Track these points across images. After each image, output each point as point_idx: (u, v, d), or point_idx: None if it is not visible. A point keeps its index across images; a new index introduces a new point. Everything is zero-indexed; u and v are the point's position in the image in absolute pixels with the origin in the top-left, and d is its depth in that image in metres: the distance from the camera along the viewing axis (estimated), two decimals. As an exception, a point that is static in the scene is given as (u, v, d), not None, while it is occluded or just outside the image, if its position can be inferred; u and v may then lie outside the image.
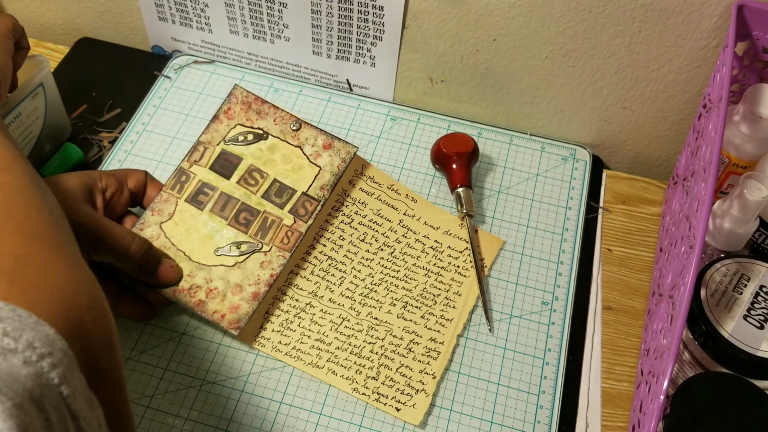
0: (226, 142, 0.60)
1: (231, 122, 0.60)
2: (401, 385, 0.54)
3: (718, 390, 0.48)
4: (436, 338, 0.56)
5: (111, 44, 0.78)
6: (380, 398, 0.53)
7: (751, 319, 0.51)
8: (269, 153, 0.60)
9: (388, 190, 0.63)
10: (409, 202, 0.63)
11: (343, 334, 0.56)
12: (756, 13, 0.56)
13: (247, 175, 0.59)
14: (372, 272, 0.59)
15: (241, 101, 0.61)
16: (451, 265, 0.60)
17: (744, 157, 0.59)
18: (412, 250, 0.60)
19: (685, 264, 0.48)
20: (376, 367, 0.54)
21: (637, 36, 0.62)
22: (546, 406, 0.54)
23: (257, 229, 0.57)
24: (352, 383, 0.53)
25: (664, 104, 0.67)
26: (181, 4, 0.73)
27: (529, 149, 0.70)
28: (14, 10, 0.81)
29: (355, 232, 0.61)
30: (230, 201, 0.58)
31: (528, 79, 0.68)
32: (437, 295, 0.58)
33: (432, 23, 0.66)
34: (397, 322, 0.57)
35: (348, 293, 0.58)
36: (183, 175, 0.58)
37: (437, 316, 0.57)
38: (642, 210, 0.67)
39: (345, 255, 0.60)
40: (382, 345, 0.55)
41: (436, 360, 0.55)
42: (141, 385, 0.53)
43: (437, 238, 0.61)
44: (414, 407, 0.53)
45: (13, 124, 0.60)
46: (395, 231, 0.61)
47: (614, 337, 0.59)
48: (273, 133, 0.60)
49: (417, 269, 0.59)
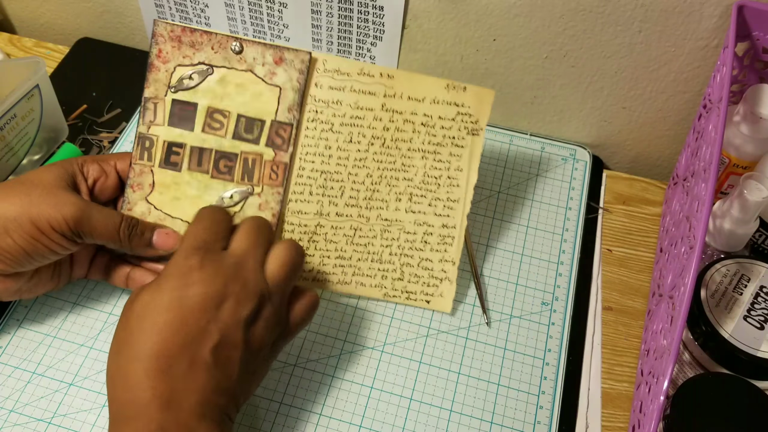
0: (172, 90, 0.55)
1: (168, 66, 0.55)
2: (425, 278, 0.55)
3: (718, 391, 0.48)
4: (447, 223, 0.56)
5: (111, 44, 0.78)
6: (410, 296, 0.55)
7: (751, 319, 0.51)
8: (221, 88, 0.54)
9: (360, 76, 0.57)
10: (386, 81, 0.56)
11: (359, 245, 0.56)
12: (756, 13, 0.55)
13: (210, 119, 0.55)
14: (369, 171, 0.57)
15: (169, 38, 0.55)
16: (446, 138, 0.57)
17: (744, 157, 0.59)
18: (403, 134, 0.57)
19: (685, 264, 0.48)
20: (399, 267, 0.55)
21: (637, 36, 0.62)
22: (546, 407, 0.54)
23: (242, 173, 0.55)
24: (382, 289, 0.55)
25: (664, 104, 0.67)
26: (181, 4, 0.73)
27: (529, 149, 0.70)
28: (14, 10, 0.81)
29: (339, 136, 0.56)
30: (204, 152, 0.55)
31: (528, 79, 0.68)
32: (439, 177, 0.57)
33: (432, 23, 0.66)
34: (406, 217, 0.57)
35: (352, 201, 0.57)
36: (145, 140, 0.55)
37: (443, 200, 0.57)
38: (642, 210, 0.67)
39: (337, 163, 0.57)
40: (399, 244, 0.56)
41: (452, 246, 0.56)
42: (141, 385, 0.53)
43: (425, 111, 0.57)
44: (441, 296, 0.54)
45: (8, 126, 0.60)
46: (380, 119, 0.57)
47: (614, 337, 0.59)
48: (216, 63, 0.55)
49: (413, 153, 0.57)
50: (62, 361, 0.54)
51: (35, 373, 0.54)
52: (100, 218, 0.49)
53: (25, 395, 0.52)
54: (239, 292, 0.43)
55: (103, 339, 0.56)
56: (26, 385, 0.53)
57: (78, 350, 0.55)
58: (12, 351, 0.55)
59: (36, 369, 0.54)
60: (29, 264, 0.48)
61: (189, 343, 0.41)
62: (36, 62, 0.61)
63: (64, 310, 0.57)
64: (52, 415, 0.52)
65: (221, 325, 0.42)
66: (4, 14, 0.82)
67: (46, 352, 0.55)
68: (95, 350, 0.55)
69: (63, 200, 0.48)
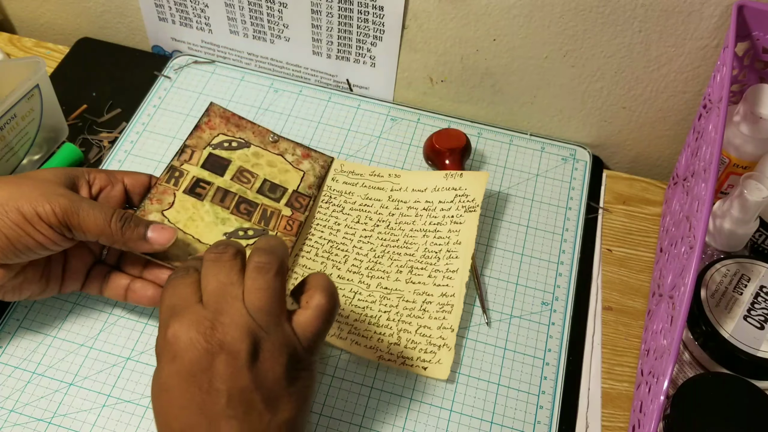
0: (212, 146, 0.60)
1: (213, 131, 0.61)
2: (423, 344, 0.55)
3: (718, 390, 0.48)
4: (446, 292, 0.57)
5: (111, 44, 0.78)
6: (405, 362, 0.54)
7: (751, 319, 0.51)
8: (255, 158, 0.62)
9: (371, 176, 0.65)
10: (393, 179, 0.64)
11: (358, 307, 0.57)
12: (756, 13, 0.55)
13: (239, 174, 0.60)
14: (373, 247, 0.60)
15: (220, 115, 0.62)
16: (445, 218, 0.60)
17: (744, 157, 0.59)
18: (406, 218, 0.61)
19: (686, 264, 0.48)
20: (396, 333, 0.55)
21: (637, 36, 0.62)
22: (546, 407, 0.54)
23: (259, 218, 0.58)
24: (376, 352, 0.55)
25: (664, 104, 0.67)
26: (181, 4, 0.73)
27: (529, 149, 0.70)
28: (14, 10, 0.81)
29: (348, 217, 0.62)
30: (228, 194, 0.58)
31: (528, 79, 0.68)
32: (439, 251, 0.59)
33: (432, 23, 0.66)
34: (406, 287, 0.58)
35: (354, 269, 0.59)
36: (176, 171, 0.58)
37: (443, 271, 0.58)
38: (642, 210, 0.67)
39: (344, 237, 0.61)
40: (397, 311, 0.56)
41: (450, 313, 0.56)
42: (141, 385, 0.53)
43: (427, 198, 0.62)
44: (440, 363, 0.54)
45: (8, 126, 0.60)
46: (386, 207, 0.62)
47: (614, 337, 0.59)
48: (254, 142, 0.62)
49: (415, 233, 0.60)
50: (62, 361, 0.54)
51: (35, 373, 0.54)
52: (90, 211, 0.47)
53: (25, 395, 0.52)
54: (224, 339, 0.40)
55: (103, 339, 0.56)
56: (26, 385, 0.53)
57: (78, 350, 0.55)
58: (12, 351, 0.55)
59: (36, 369, 0.54)
60: (15, 256, 0.47)
61: (201, 409, 0.39)
62: (36, 62, 0.61)
63: (64, 310, 0.57)
64: (52, 415, 0.52)
65: (223, 379, 0.40)
66: (4, 14, 0.82)
67: (46, 352, 0.55)
68: (95, 350, 0.55)
69: (53, 191, 0.47)
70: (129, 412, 0.52)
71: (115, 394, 0.53)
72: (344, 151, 0.68)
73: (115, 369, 0.54)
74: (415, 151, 0.69)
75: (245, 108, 0.71)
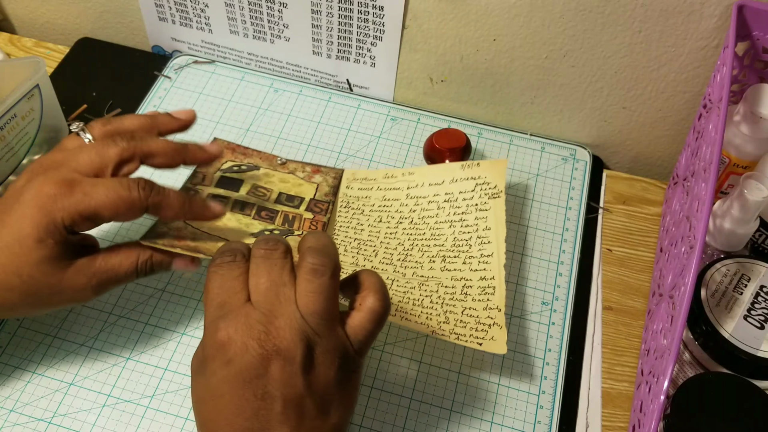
0: (222, 171, 0.61)
1: (221, 160, 0.62)
2: (473, 323, 0.53)
3: (718, 390, 0.48)
4: (485, 276, 0.56)
5: (111, 44, 0.78)
6: (459, 337, 0.52)
7: (752, 319, 0.51)
8: (266, 177, 0.62)
9: (385, 179, 0.64)
10: (407, 177, 0.63)
11: (399, 292, 0.56)
12: (756, 13, 0.55)
13: (254, 189, 0.60)
14: (401, 241, 0.59)
15: (225, 147, 0.64)
16: (469, 207, 0.59)
17: (744, 157, 0.59)
18: (428, 212, 0.61)
19: (686, 264, 0.48)
20: (443, 313, 0.54)
21: (637, 36, 0.62)
22: (546, 406, 0.54)
23: (283, 221, 0.58)
24: (428, 327, 0.53)
25: (664, 104, 0.67)
26: (181, 4, 0.73)
27: (529, 149, 0.70)
28: (14, 10, 0.81)
29: (369, 218, 0.61)
30: (247, 204, 0.58)
31: (528, 79, 0.68)
32: (469, 239, 0.58)
33: (432, 23, 0.66)
34: (443, 275, 0.56)
35: (386, 260, 0.58)
36: (191, 190, 0.58)
37: (477, 257, 0.57)
38: (642, 210, 0.67)
39: (369, 235, 0.60)
40: (439, 296, 0.55)
41: (494, 294, 0.54)
42: (141, 385, 0.53)
43: (446, 191, 0.61)
44: (493, 339, 0.52)
45: (8, 126, 0.60)
46: (406, 204, 0.62)
47: (614, 337, 0.59)
48: (263, 166, 0.63)
49: (440, 225, 0.60)
50: (62, 361, 0.54)
51: (35, 373, 0.54)
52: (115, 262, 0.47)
53: (25, 395, 0.52)
54: (280, 345, 0.39)
55: (103, 339, 0.56)
56: (26, 385, 0.53)
57: (78, 350, 0.55)
58: (12, 351, 0.55)
59: (36, 369, 0.54)
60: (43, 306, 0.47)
61: (256, 415, 0.39)
62: (36, 62, 0.61)
63: (64, 310, 0.57)
64: (52, 415, 0.52)
65: (278, 385, 0.39)
66: (4, 14, 0.82)
67: (46, 352, 0.55)
68: (95, 350, 0.55)
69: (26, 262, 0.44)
70: (129, 412, 0.52)
71: (115, 394, 0.53)
72: (344, 151, 0.68)
73: (115, 369, 0.54)
74: (415, 151, 0.69)
75: (245, 108, 0.71)
